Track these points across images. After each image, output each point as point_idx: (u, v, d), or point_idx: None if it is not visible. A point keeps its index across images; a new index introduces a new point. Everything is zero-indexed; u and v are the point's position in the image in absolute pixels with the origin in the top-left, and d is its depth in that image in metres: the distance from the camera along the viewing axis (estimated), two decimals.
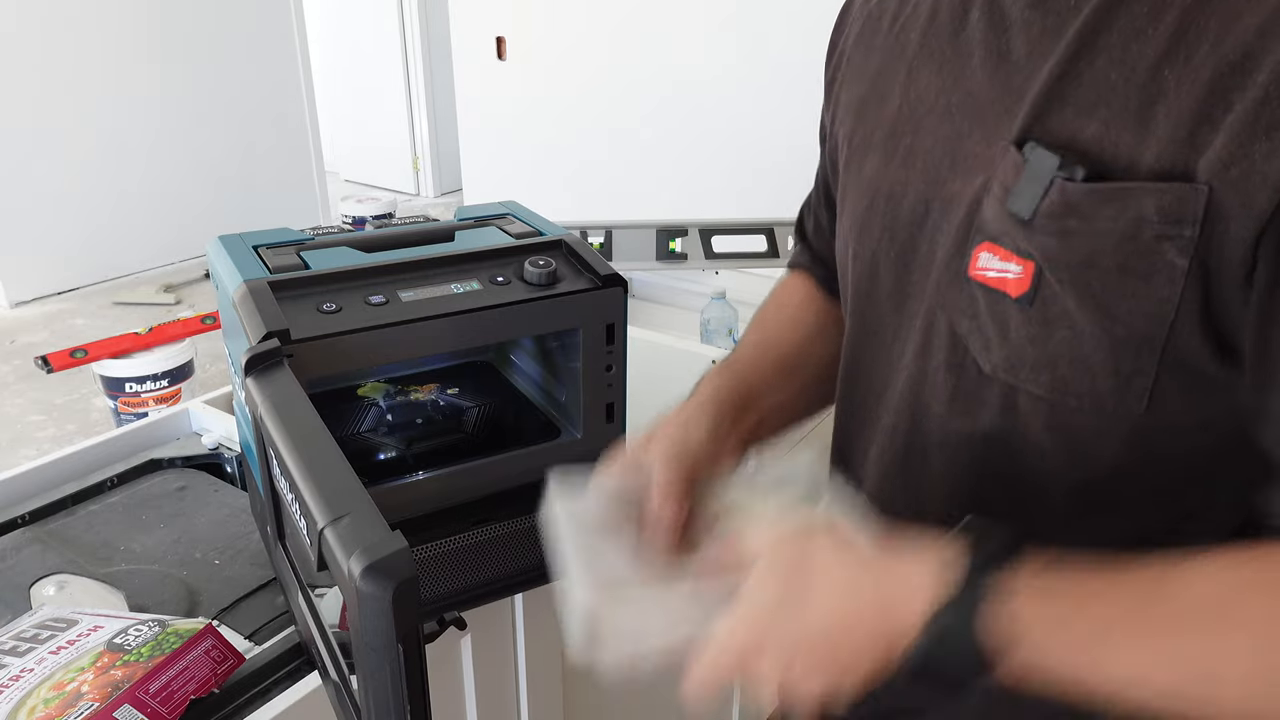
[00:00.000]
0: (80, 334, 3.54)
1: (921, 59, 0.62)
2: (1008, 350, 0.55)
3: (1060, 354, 0.53)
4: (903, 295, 0.63)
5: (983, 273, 0.55)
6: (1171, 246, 0.48)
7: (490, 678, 0.98)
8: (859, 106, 0.68)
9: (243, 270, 0.77)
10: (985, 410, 0.58)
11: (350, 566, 0.48)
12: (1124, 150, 0.49)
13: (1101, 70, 0.51)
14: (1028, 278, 0.53)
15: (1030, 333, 0.54)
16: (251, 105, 4.57)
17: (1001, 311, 0.55)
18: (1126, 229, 0.48)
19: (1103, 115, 0.50)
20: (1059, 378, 0.54)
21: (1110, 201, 0.49)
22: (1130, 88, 0.49)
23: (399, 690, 0.50)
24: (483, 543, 0.85)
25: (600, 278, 0.83)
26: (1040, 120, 0.52)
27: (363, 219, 3.70)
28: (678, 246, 1.68)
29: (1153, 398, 0.52)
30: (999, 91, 0.56)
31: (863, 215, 0.66)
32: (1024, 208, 0.52)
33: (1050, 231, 0.51)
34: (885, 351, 0.66)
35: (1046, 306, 0.52)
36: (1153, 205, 0.48)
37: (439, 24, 4.95)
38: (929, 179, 0.60)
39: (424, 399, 0.96)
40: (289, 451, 0.58)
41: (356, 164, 6.06)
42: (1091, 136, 0.50)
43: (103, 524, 1.01)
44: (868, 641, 0.49)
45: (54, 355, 2.15)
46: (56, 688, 0.69)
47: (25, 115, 3.83)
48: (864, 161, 0.67)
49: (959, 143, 0.58)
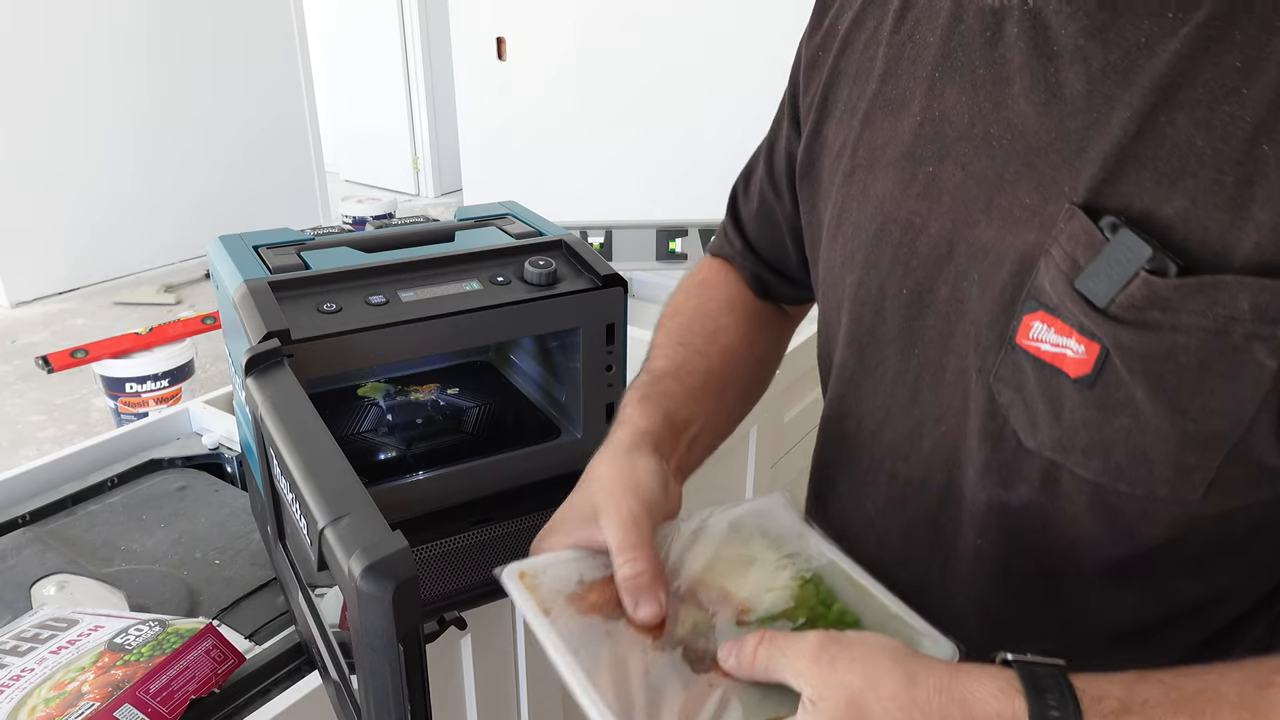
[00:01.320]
0: (81, 334, 3.54)
1: (946, 71, 0.55)
2: (1060, 431, 0.51)
3: (1117, 440, 0.49)
4: (911, 338, 0.59)
5: (1035, 344, 0.50)
6: (1263, 347, 0.43)
7: (490, 678, 0.98)
8: (866, 110, 0.61)
9: (243, 270, 0.77)
10: (1022, 484, 0.54)
11: (350, 566, 0.48)
12: (1214, 234, 0.44)
13: (1184, 132, 0.45)
14: (1091, 359, 0.48)
15: (1086, 415, 0.49)
16: (251, 105, 4.57)
17: (1055, 388, 0.50)
18: (1215, 325, 0.44)
19: (1189, 188, 0.44)
20: (1113, 465, 0.50)
21: (1199, 295, 0.44)
22: (1222, 159, 0.43)
23: (399, 690, 0.50)
24: (483, 543, 0.85)
25: (600, 278, 0.83)
26: (1112, 184, 0.47)
27: (363, 219, 3.70)
28: (678, 246, 1.68)
29: (1210, 488, 0.48)
30: (1053, 135, 0.49)
31: (870, 243, 0.60)
32: (1100, 293, 0.46)
33: (1129, 321, 0.46)
34: (884, 392, 0.62)
35: (1109, 392, 0.48)
36: (1248, 303, 0.43)
37: (439, 24, 4.95)
38: (956, 218, 0.55)
39: (424, 399, 0.96)
40: (289, 451, 0.58)
41: (356, 164, 6.07)
42: (1176, 213, 0.45)
43: (103, 524, 1.01)
44: None
45: (54, 355, 2.16)
46: (57, 687, 0.69)
47: (25, 115, 3.83)
48: (871, 179, 0.60)
49: (1000, 185, 0.52)
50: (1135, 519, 0.52)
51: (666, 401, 0.67)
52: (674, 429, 0.66)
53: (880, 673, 0.44)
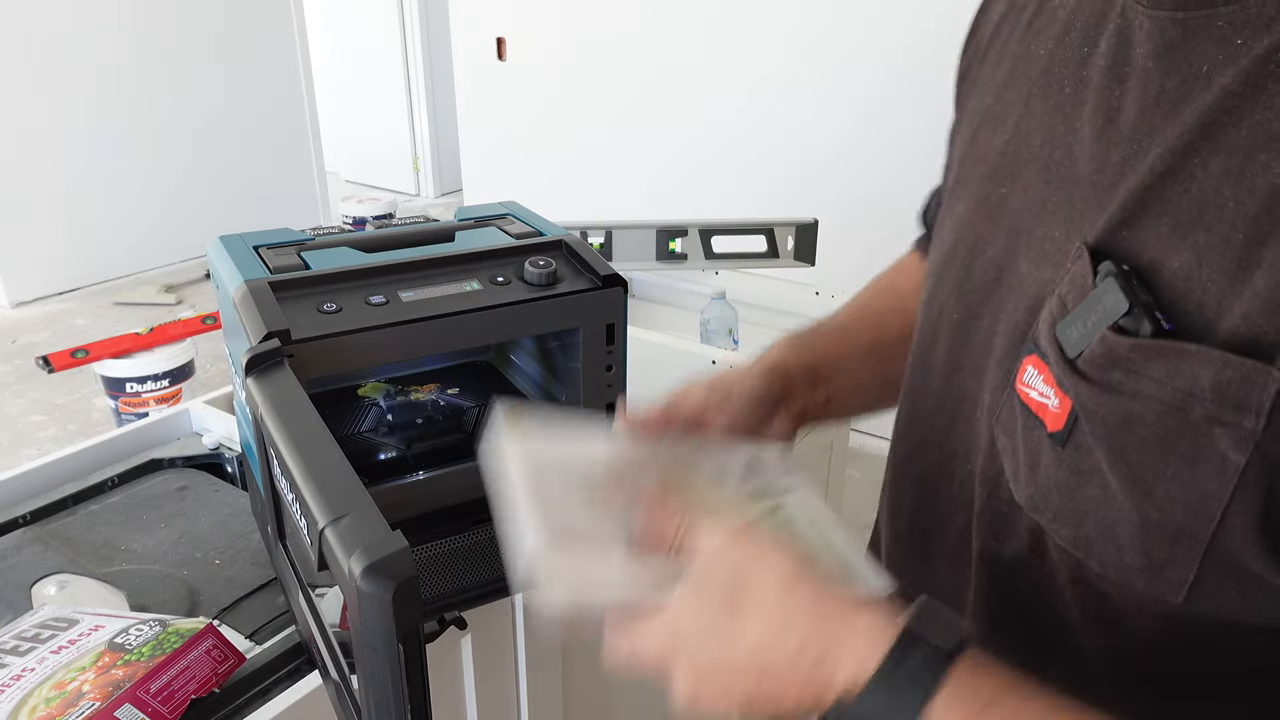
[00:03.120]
0: (81, 334, 3.54)
1: (1042, 86, 0.51)
2: (1035, 488, 0.47)
3: (1087, 512, 0.44)
4: (954, 365, 0.56)
5: (1026, 390, 0.46)
6: (1226, 435, 0.37)
7: (490, 678, 0.98)
8: (978, 126, 0.58)
9: (243, 270, 0.77)
10: (1013, 539, 0.51)
11: (350, 566, 0.48)
12: (1211, 297, 0.38)
13: (1215, 179, 0.39)
14: (1064, 415, 0.43)
15: (1060, 477, 0.45)
16: (251, 105, 4.58)
17: (1035, 441, 0.46)
18: (1173, 399, 0.39)
19: (1199, 242, 0.39)
20: (1083, 537, 0.45)
21: (1159, 361, 0.39)
22: (1240, 214, 0.37)
23: (399, 690, 0.50)
24: (483, 543, 0.85)
25: (600, 278, 0.83)
26: (1130, 226, 0.42)
27: (363, 219, 3.70)
28: (678, 246, 1.68)
29: (1194, 592, 0.41)
30: (1095, 165, 0.45)
31: (942, 262, 0.58)
32: (1071, 342, 0.43)
33: (1092, 379, 0.42)
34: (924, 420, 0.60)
35: (1080, 455, 0.43)
36: (1208, 379, 0.37)
37: (439, 24, 4.95)
38: (1008, 245, 0.51)
39: (424, 399, 0.96)
40: (289, 451, 0.58)
41: (356, 164, 6.07)
42: (1178, 269, 0.39)
43: (103, 524, 1.01)
44: (788, 688, 0.44)
45: (55, 355, 2.15)
46: (58, 687, 0.69)
47: (26, 115, 3.83)
48: (958, 197, 0.58)
49: (1042, 215, 0.48)
50: (1120, 609, 0.46)
51: (820, 348, 0.69)
52: (814, 373, 0.68)
53: (773, 562, 0.46)
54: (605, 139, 3.26)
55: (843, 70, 2.67)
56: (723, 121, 2.95)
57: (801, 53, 2.75)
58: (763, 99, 2.85)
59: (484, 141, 3.70)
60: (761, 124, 2.87)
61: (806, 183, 2.78)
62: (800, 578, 0.46)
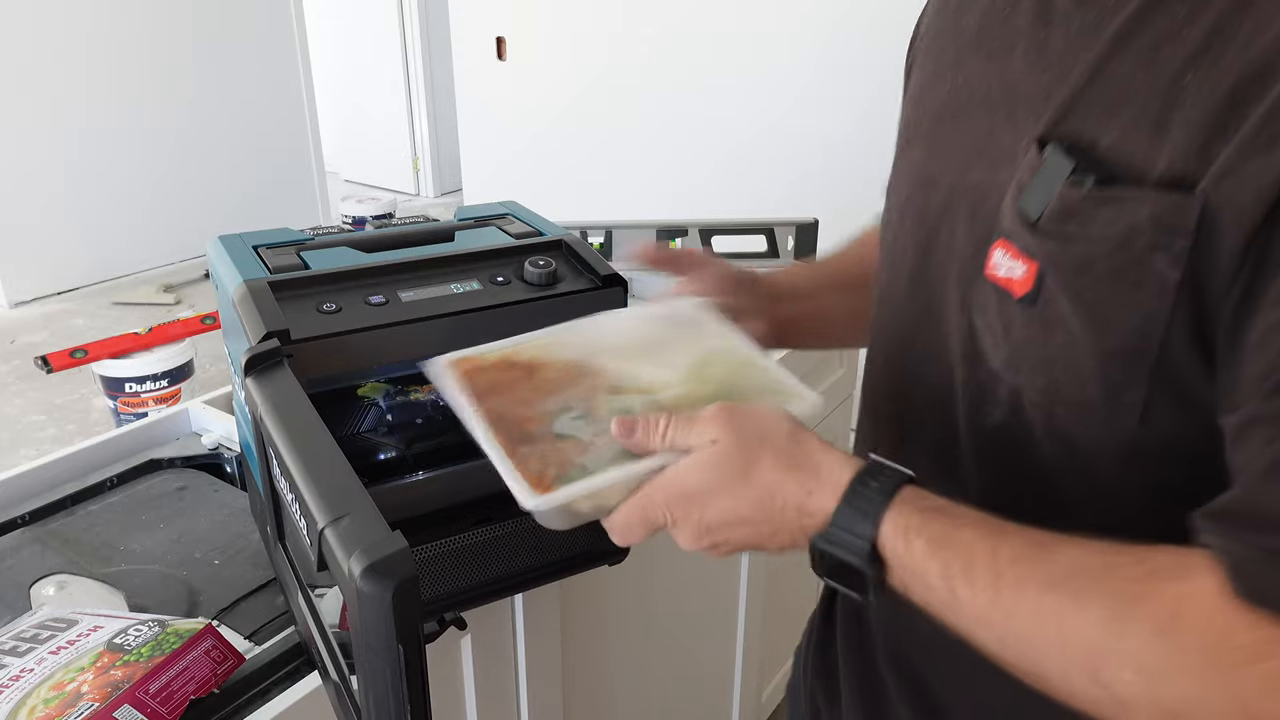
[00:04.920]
0: (80, 334, 3.54)
1: (973, 45, 0.62)
2: (1009, 350, 0.55)
3: (1055, 358, 0.52)
4: (915, 284, 0.64)
5: (994, 270, 0.55)
6: (1163, 258, 0.46)
7: (490, 678, 0.98)
8: (918, 94, 0.68)
9: (243, 270, 0.77)
10: (997, 408, 0.58)
11: (350, 566, 0.48)
12: (1138, 158, 0.48)
13: (1129, 72, 0.49)
14: (1030, 278, 0.52)
15: (1029, 334, 0.53)
16: (251, 105, 4.57)
17: (1007, 310, 0.54)
18: (1120, 236, 0.47)
19: (1124, 119, 0.49)
20: (1053, 381, 0.53)
21: (1106, 206, 0.48)
22: (1153, 92, 0.47)
23: (399, 690, 0.50)
24: (483, 543, 0.85)
25: (600, 278, 0.83)
26: (1066, 120, 0.52)
27: (363, 219, 3.71)
28: (678, 246, 1.68)
29: (1147, 415, 0.50)
30: (1033, 86, 0.55)
31: (900, 206, 0.67)
32: (1033, 208, 0.51)
33: (1052, 234, 0.50)
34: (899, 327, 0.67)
35: (1047, 309, 0.52)
36: (1146, 213, 0.46)
37: (439, 24, 4.95)
38: (958, 169, 0.60)
39: (424, 399, 0.96)
40: (289, 451, 0.58)
41: (356, 164, 6.07)
42: (1111, 142, 0.49)
43: (103, 524, 1.01)
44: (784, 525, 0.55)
45: (54, 355, 2.15)
46: (56, 688, 0.69)
47: (25, 115, 3.83)
48: (910, 150, 0.67)
49: (990, 135, 0.58)
50: (1089, 451, 0.54)
51: (788, 274, 0.79)
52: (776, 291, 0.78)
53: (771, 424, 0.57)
54: (605, 138, 3.26)
55: (843, 70, 2.67)
56: (723, 121, 2.95)
57: (802, 52, 2.75)
58: (763, 98, 2.85)
59: (484, 141, 3.70)
60: (761, 124, 2.86)
61: (806, 183, 2.77)
62: (797, 430, 0.57)
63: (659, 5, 3.00)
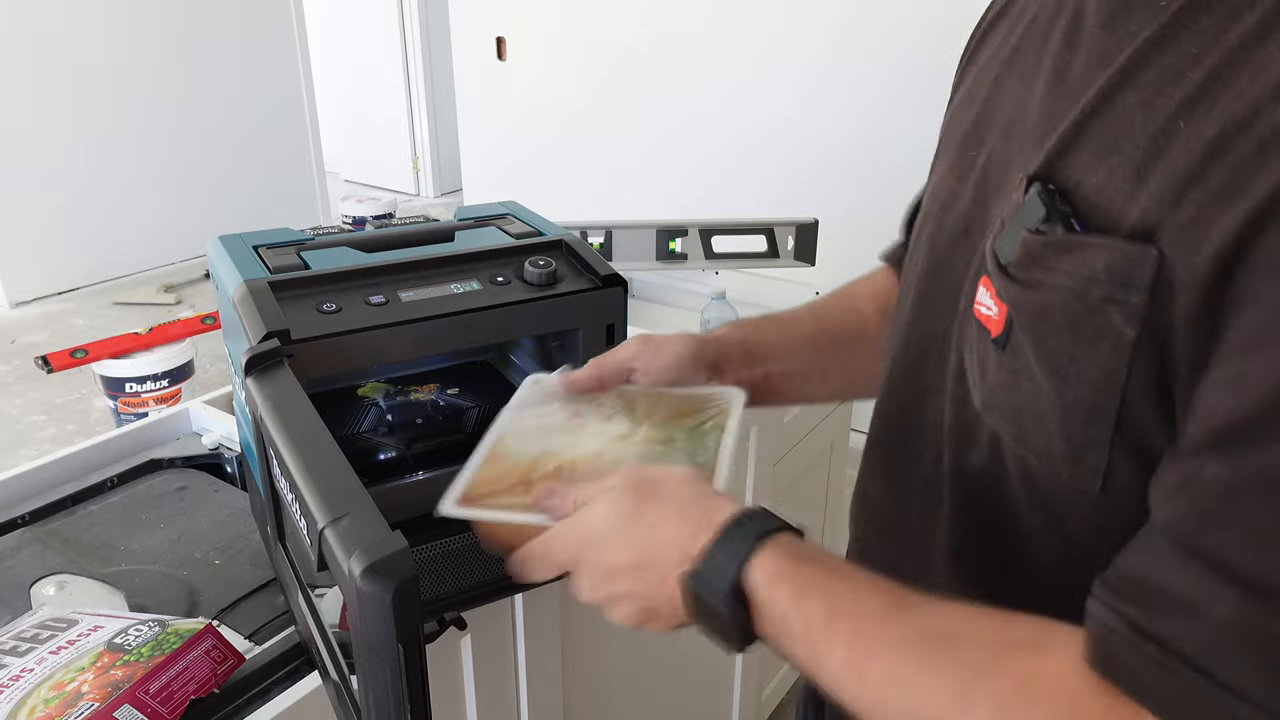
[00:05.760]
0: (80, 334, 3.54)
1: (1010, 65, 0.59)
2: (985, 391, 0.53)
3: (1023, 406, 0.50)
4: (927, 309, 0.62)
5: (979, 307, 0.53)
6: (1118, 312, 0.43)
7: (490, 678, 0.98)
8: (955, 108, 0.66)
9: (243, 270, 0.77)
10: (977, 448, 0.56)
11: (350, 566, 0.48)
12: (1115, 206, 0.44)
13: (1129, 110, 0.45)
14: (1002, 320, 0.50)
15: (1002, 378, 0.51)
16: (251, 105, 4.57)
17: (984, 350, 0.53)
18: (1076, 286, 0.45)
19: (1113, 162, 0.45)
20: (1023, 431, 0.51)
21: (1070, 254, 0.46)
22: (1145, 137, 0.44)
23: (399, 690, 0.50)
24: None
25: (600, 278, 0.83)
26: (1061, 157, 0.49)
27: (363, 219, 3.70)
28: (678, 246, 1.68)
29: (1109, 479, 0.47)
30: (1046, 115, 0.52)
31: (919, 225, 0.65)
32: (1004, 251, 0.50)
33: (1019, 279, 0.48)
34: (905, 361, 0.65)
35: (1016, 355, 0.50)
36: (1102, 263, 0.44)
37: (439, 24, 4.95)
38: (975, 198, 0.58)
39: (424, 399, 0.96)
40: (289, 451, 0.58)
41: (356, 164, 6.07)
42: (1095, 185, 0.46)
43: (103, 524, 1.01)
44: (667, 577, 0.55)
45: (54, 355, 2.15)
46: (56, 688, 0.69)
47: (25, 115, 3.83)
48: (936, 166, 0.65)
49: (1006, 165, 0.55)
50: (1061, 507, 0.52)
51: (760, 330, 0.76)
52: (748, 351, 0.75)
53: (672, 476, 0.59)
54: (605, 138, 3.26)
55: (843, 71, 2.67)
56: (723, 121, 2.95)
57: (802, 52, 2.75)
58: (763, 99, 2.85)
59: (484, 141, 3.70)
60: (762, 124, 2.86)
61: (806, 183, 2.78)
62: (697, 482, 0.59)
63: (659, 5, 3.00)
